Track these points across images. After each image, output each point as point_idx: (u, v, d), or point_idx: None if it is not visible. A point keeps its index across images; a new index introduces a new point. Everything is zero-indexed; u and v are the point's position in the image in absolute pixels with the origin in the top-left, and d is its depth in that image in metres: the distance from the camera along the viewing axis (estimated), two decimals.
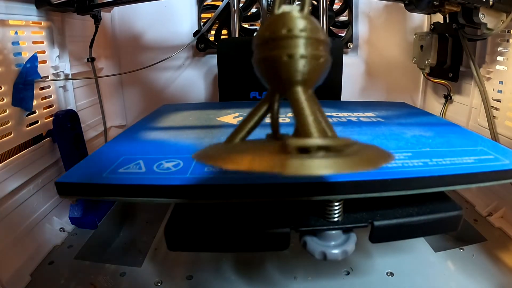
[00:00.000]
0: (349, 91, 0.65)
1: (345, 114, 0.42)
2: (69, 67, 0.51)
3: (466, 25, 0.45)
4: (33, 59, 0.42)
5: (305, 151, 0.14)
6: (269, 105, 0.19)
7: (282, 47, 0.17)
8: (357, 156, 0.15)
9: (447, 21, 0.51)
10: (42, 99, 0.45)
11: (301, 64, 0.17)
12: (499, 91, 0.46)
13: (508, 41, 0.45)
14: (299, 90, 0.17)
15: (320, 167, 0.13)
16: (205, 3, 0.62)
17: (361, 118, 0.40)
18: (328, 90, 0.54)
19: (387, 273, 0.36)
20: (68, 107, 0.50)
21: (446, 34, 0.53)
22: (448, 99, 0.57)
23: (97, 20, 0.54)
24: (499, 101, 0.46)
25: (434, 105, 0.63)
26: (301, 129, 0.16)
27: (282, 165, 0.13)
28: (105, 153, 0.30)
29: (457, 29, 0.47)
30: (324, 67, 0.18)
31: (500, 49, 0.46)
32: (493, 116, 0.46)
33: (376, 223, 0.25)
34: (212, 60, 0.64)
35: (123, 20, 0.63)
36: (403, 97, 0.67)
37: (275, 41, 0.17)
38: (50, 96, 0.47)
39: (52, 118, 0.45)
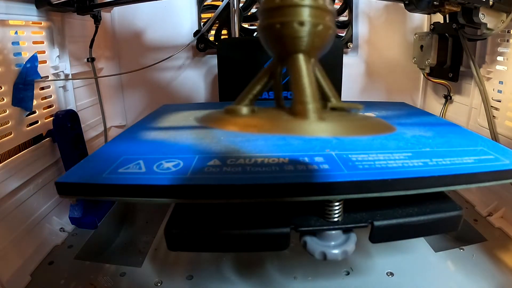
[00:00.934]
0: (349, 91, 0.65)
1: None
2: (69, 67, 0.51)
3: (466, 25, 0.45)
4: (33, 59, 0.42)
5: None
6: (271, 73, 0.19)
7: (289, 15, 0.17)
8: (361, 122, 0.16)
9: (447, 21, 0.51)
10: (42, 99, 0.45)
11: (306, 32, 0.17)
12: (499, 91, 0.46)
13: (508, 41, 0.45)
14: (301, 58, 0.17)
15: (324, 130, 0.14)
16: (205, 3, 0.62)
17: None
18: None
19: (387, 273, 0.36)
20: (68, 107, 0.50)
21: (446, 34, 0.52)
22: (448, 99, 0.57)
23: (97, 20, 0.54)
24: (499, 101, 0.46)
25: (434, 105, 0.63)
26: (298, 97, 0.16)
27: (278, 127, 0.14)
28: (105, 153, 0.30)
29: (457, 29, 0.47)
30: (330, 37, 0.18)
31: (500, 49, 0.46)
32: (493, 116, 0.46)
33: (376, 223, 0.26)
34: (212, 60, 0.64)
35: (123, 20, 0.63)
36: (403, 97, 0.67)
37: (282, 8, 0.17)
38: (50, 96, 0.47)
39: (52, 118, 0.45)
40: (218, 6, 0.58)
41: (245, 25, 0.62)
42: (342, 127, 0.15)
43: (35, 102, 0.42)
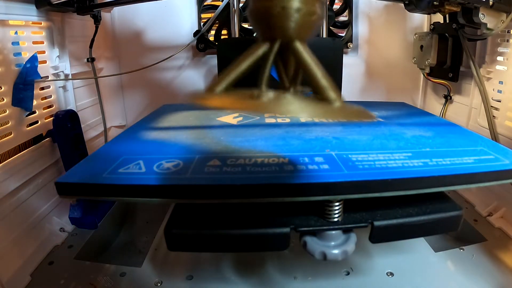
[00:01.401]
0: (349, 91, 0.65)
1: None
2: (69, 67, 0.51)
3: (466, 25, 0.45)
4: (33, 59, 0.42)
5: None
6: (267, 52, 0.19)
7: (286, 0, 0.17)
8: (344, 109, 0.17)
9: (447, 21, 0.51)
10: (42, 99, 0.45)
11: (295, 18, 0.17)
12: (499, 91, 0.46)
13: (508, 41, 0.45)
14: (300, 45, 0.18)
15: (310, 112, 0.16)
16: (205, 3, 0.62)
17: None
18: None
19: (387, 273, 0.36)
20: (68, 107, 0.50)
21: (446, 34, 0.52)
22: (448, 99, 0.57)
23: (97, 20, 0.54)
24: (499, 101, 0.46)
25: (434, 105, 0.63)
26: (315, 84, 0.18)
27: (266, 107, 0.15)
28: (105, 153, 0.30)
29: (457, 29, 0.47)
30: (317, 23, 0.19)
31: (500, 49, 0.46)
32: (493, 116, 0.46)
33: (376, 223, 0.26)
34: (212, 60, 0.64)
35: (123, 20, 0.63)
36: (403, 97, 0.67)
37: None
38: (50, 96, 0.47)
39: (52, 118, 0.45)
40: (218, 6, 0.58)
41: (245, 25, 0.62)
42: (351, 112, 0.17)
43: (35, 102, 0.42)
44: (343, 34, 0.64)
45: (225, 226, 0.26)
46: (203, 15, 0.63)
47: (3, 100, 0.38)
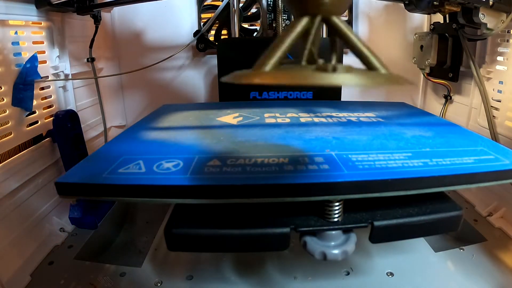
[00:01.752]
0: (349, 91, 0.64)
1: (345, 114, 0.42)
2: (69, 67, 0.51)
3: (466, 25, 0.45)
4: (33, 59, 0.42)
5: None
6: (308, 28, 0.19)
7: None
8: (389, 75, 0.18)
9: (447, 21, 0.51)
10: (42, 99, 0.45)
11: None
12: (499, 91, 0.46)
13: (508, 41, 0.45)
14: (339, 19, 0.19)
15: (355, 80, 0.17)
16: (205, 3, 0.62)
17: (361, 118, 0.40)
18: (328, 90, 0.54)
19: (387, 273, 0.36)
20: (68, 107, 0.50)
21: (446, 34, 0.52)
22: (448, 99, 0.57)
23: (97, 20, 0.54)
24: (499, 101, 0.46)
25: (434, 105, 0.63)
26: (360, 54, 0.20)
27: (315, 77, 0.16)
28: (105, 153, 0.30)
29: (457, 29, 0.47)
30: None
31: (500, 49, 0.46)
32: (493, 116, 0.46)
33: (376, 223, 0.26)
34: (212, 60, 0.64)
35: (123, 20, 0.63)
36: (403, 97, 0.67)
37: None
38: (50, 96, 0.47)
39: (52, 118, 0.45)
40: (218, 6, 0.58)
41: (245, 25, 0.63)
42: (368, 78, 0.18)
43: (35, 102, 0.42)
44: None
45: (225, 226, 0.26)
46: (203, 15, 0.63)
47: (3, 100, 0.38)
